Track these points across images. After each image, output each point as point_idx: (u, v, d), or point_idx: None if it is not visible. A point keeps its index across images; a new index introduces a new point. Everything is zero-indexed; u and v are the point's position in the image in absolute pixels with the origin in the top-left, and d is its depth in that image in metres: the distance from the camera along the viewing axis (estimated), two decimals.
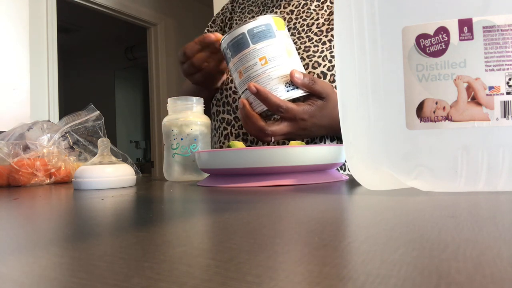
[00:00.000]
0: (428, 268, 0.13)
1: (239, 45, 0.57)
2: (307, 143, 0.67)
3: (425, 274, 0.12)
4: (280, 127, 0.57)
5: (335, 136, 0.68)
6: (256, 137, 0.59)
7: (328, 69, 0.66)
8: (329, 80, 0.66)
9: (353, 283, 0.12)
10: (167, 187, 0.51)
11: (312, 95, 0.57)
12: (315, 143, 0.67)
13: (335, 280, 0.12)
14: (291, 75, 0.55)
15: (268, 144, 0.68)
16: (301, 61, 0.67)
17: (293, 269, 0.13)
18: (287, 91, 0.56)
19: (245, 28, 0.56)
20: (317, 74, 0.66)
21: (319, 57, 0.67)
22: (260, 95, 0.55)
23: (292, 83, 0.56)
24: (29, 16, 2.06)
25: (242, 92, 0.59)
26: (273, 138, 0.58)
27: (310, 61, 0.67)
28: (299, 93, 0.56)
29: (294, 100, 0.58)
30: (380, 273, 0.12)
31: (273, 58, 0.56)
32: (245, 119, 0.59)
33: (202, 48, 0.65)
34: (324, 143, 0.67)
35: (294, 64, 0.57)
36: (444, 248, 0.15)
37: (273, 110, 0.56)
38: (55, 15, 2.36)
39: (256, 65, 0.56)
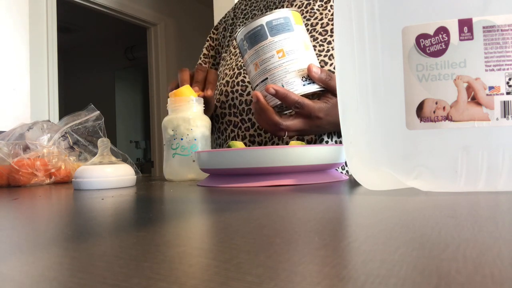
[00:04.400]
0: (428, 268, 0.13)
1: (257, 37, 0.56)
2: (309, 142, 0.67)
3: (425, 274, 0.12)
4: (295, 123, 0.57)
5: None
6: (269, 131, 0.59)
7: (335, 68, 0.66)
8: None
9: (353, 283, 0.12)
10: (167, 187, 0.51)
11: (327, 91, 0.57)
12: (322, 139, 0.67)
13: (335, 280, 0.12)
14: (308, 69, 0.55)
15: (283, 140, 0.68)
16: None
17: (293, 269, 0.13)
18: (304, 85, 0.55)
19: (263, 20, 0.56)
20: None
21: (325, 56, 0.67)
22: (279, 95, 0.55)
23: (308, 77, 0.56)
24: (29, 16, 2.06)
25: (257, 85, 0.59)
26: (286, 133, 0.58)
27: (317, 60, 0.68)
28: (315, 87, 0.56)
29: (308, 96, 0.58)
30: (380, 273, 0.12)
31: (290, 52, 0.55)
32: (259, 112, 0.58)
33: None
34: (332, 140, 0.67)
35: (311, 59, 0.57)
36: (444, 248, 0.15)
37: (290, 106, 0.56)
38: (55, 15, 2.36)
39: (273, 58, 0.56)
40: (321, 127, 0.59)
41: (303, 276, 0.12)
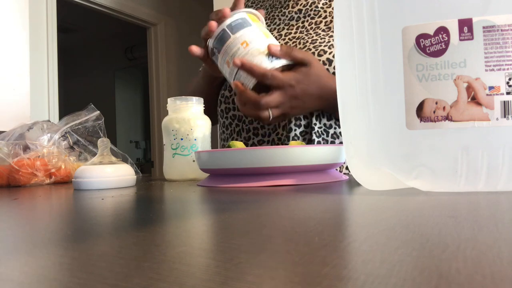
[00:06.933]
0: (428, 268, 0.13)
1: (222, 39, 0.62)
2: (308, 142, 0.67)
3: (425, 274, 0.12)
4: (273, 97, 0.60)
5: (332, 115, 0.68)
6: (254, 117, 0.62)
7: (334, 56, 0.67)
8: (334, 67, 0.67)
9: (353, 283, 0.12)
10: (167, 187, 0.51)
11: (295, 64, 0.61)
12: (311, 121, 0.67)
13: (335, 280, 0.12)
14: (269, 48, 0.60)
15: (284, 128, 0.68)
16: (308, 51, 0.70)
17: (293, 269, 0.13)
18: (271, 61, 0.60)
19: (224, 25, 0.62)
20: (323, 61, 0.68)
21: (325, 45, 0.69)
22: (245, 67, 0.59)
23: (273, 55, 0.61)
24: (29, 16, 2.06)
25: (233, 79, 0.63)
26: (270, 112, 0.60)
27: (316, 50, 0.69)
28: (282, 62, 0.60)
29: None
30: (380, 273, 0.12)
31: (253, 40, 0.61)
32: (239, 99, 0.62)
33: None
34: (320, 122, 0.67)
35: (272, 42, 0.62)
36: (444, 248, 0.15)
37: (260, 79, 0.59)
38: (55, 15, 2.36)
39: (239, 50, 0.61)
40: (299, 98, 0.61)
41: (303, 276, 0.12)
